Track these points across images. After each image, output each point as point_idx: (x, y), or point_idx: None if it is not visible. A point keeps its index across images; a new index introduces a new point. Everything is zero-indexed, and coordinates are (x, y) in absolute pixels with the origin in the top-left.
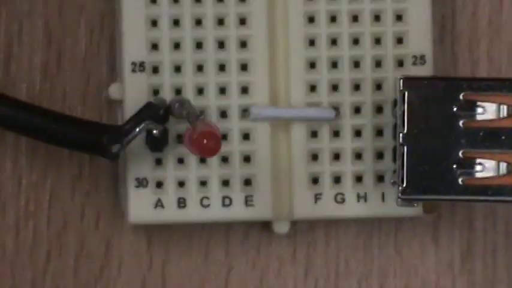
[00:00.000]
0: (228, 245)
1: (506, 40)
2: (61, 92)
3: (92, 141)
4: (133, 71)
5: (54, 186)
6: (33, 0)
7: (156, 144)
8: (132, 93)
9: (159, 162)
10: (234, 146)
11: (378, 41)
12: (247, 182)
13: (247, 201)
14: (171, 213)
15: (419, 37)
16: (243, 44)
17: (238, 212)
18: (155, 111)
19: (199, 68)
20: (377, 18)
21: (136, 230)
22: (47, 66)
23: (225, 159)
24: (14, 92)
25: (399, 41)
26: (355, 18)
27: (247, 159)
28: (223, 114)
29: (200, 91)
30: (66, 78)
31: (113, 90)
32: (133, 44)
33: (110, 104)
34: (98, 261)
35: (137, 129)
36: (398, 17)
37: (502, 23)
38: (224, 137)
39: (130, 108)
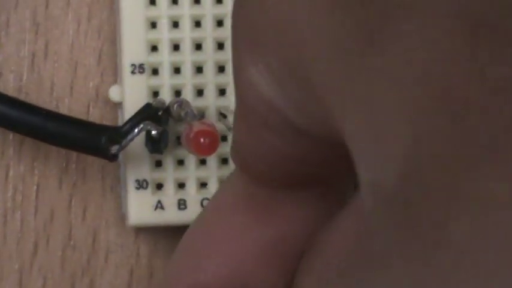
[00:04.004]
0: None
1: None
2: (48, 84)
3: (91, 142)
4: (133, 72)
5: (42, 178)
6: None
7: (156, 146)
8: (131, 95)
9: (159, 164)
10: None
11: None
12: None
13: None
14: (171, 215)
15: None
16: None
17: None
18: (154, 112)
19: (199, 69)
20: None
21: (123, 221)
22: (34, 58)
23: (224, 161)
24: (0, 83)
25: None
26: None
27: None
28: (223, 115)
29: (200, 92)
30: (54, 69)
31: (113, 93)
32: (132, 46)
33: (111, 106)
34: (85, 252)
35: (136, 130)
36: None
37: None
38: (223, 138)
39: (130, 110)
